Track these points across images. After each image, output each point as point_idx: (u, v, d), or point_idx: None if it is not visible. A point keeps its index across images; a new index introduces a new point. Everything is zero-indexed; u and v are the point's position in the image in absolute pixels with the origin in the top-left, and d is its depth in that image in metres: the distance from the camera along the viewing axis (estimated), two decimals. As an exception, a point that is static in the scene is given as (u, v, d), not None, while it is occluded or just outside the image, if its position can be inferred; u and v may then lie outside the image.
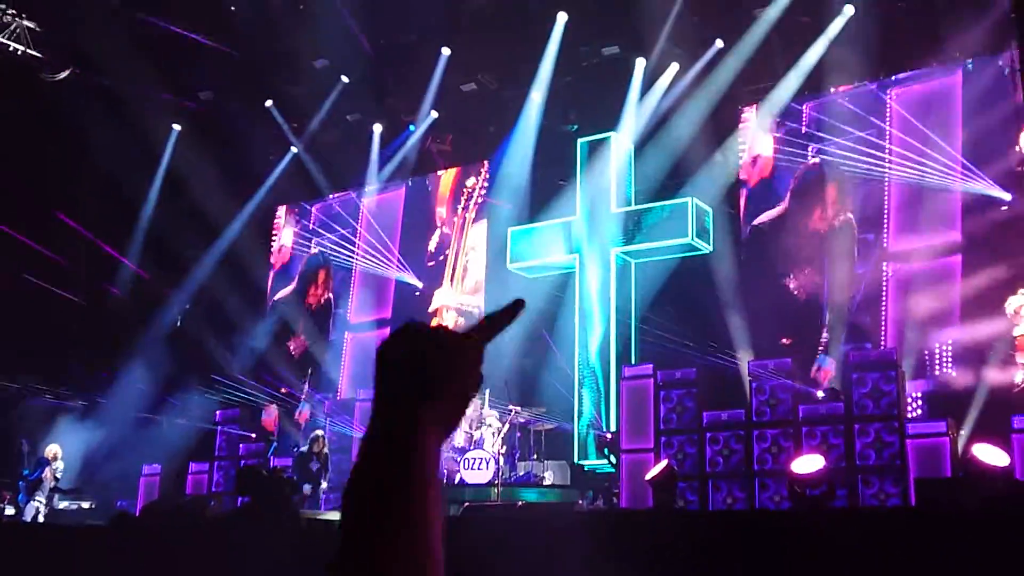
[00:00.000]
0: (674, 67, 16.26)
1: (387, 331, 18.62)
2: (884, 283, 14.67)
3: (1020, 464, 10.80)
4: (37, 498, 14.90)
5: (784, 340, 14.89)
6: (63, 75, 17.86)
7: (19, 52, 17.69)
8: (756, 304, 15.34)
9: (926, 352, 13.98)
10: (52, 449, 15.53)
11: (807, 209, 15.38)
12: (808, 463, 9.16)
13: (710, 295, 15.28)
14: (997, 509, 6.12)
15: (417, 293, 19.02)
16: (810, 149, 15.60)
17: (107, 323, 18.67)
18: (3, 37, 17.51)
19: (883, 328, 14.51)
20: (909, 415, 12.70)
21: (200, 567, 8.70)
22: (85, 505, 15.37)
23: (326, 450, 14.73)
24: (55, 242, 18.45)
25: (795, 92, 15.55)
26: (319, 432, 14.95)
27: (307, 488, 14.28)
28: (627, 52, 16.38)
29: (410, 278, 19.15)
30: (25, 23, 17.66)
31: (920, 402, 13.55)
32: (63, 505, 15.24)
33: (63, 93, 17.56)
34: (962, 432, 12.06)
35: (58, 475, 15.52)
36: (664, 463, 10.49)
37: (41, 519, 14.64)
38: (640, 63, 16.35)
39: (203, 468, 16.35)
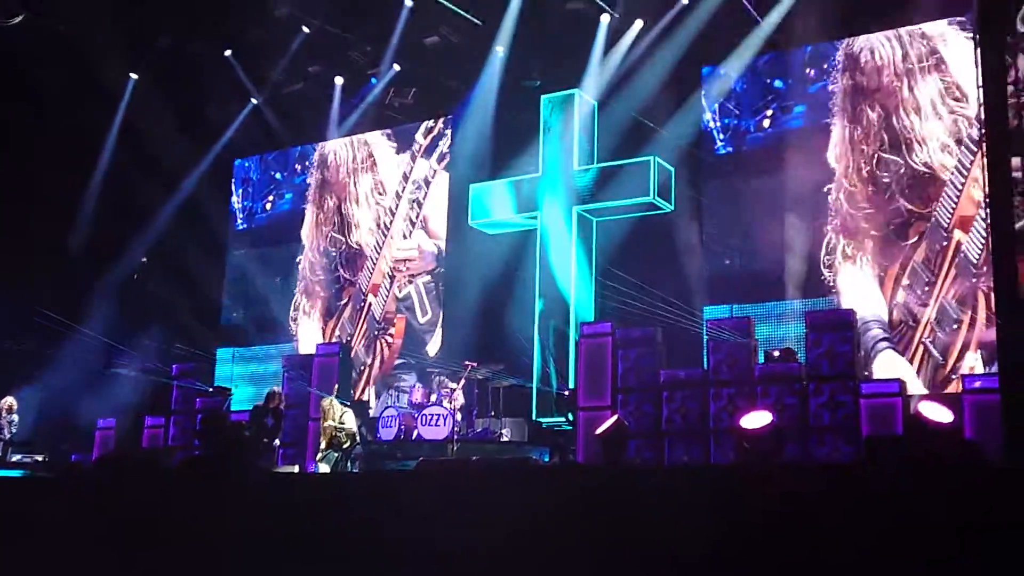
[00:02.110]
0: (638, 23, 16.12)
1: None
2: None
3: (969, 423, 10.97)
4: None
5: (742, 300, 14.93)
6: (16, 20, 17.42)
7: (-30, -4, 17.25)
8: (716, 263, 15.38)
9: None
10: (7, 401, 15.35)
11: (769, 166, 15.33)
12: (757, 419, 9.22)
13: (671, 254, 15.30)
14: (940, 463, 6.18)
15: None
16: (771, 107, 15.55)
17: (63, 274, 18.38)
18: (-47, -20, 17.07)
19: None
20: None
21: (155, 517, 8.65)
22: (39, 458, 15.23)
23: (282, 406, 14.66)
24: (10, 190, 18.12)
25: (757, 50, 15.47)
26: (276, 388, 14.87)
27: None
28: (592, 7, 16.20)
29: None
30: (-24, -34, 17.22)
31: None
32: (16, 458, 15.08)
33: (16, 39, 17.13)
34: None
35: (13, 428, 15.36)
36: (614, 418, 10.52)
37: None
38: (605, 19, 16.20)
39: (159, 422, 16.26)
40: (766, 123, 15.60)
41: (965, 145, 13.70)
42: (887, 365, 13.74)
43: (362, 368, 18.11)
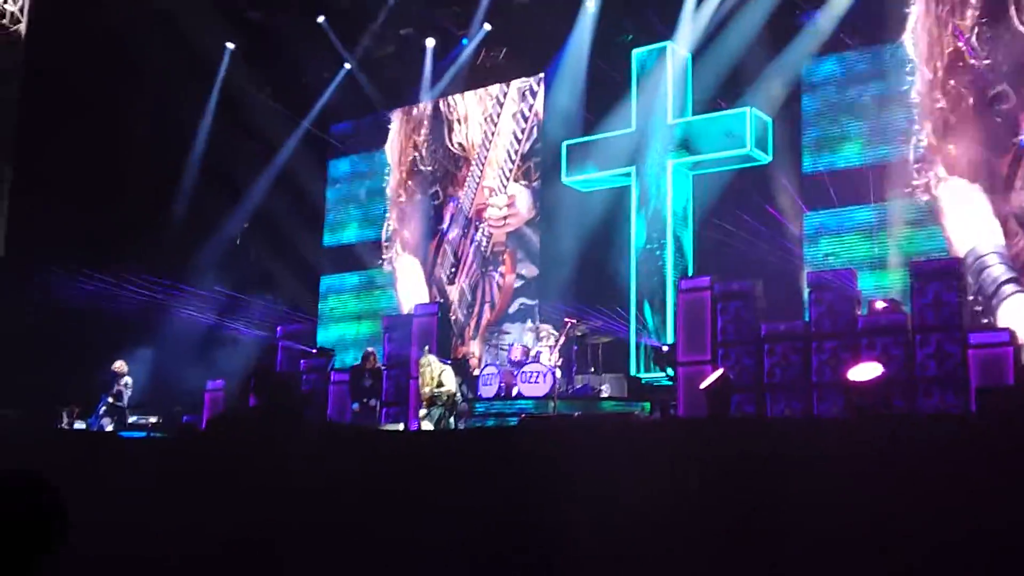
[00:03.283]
0: (731, -28, 15.84)
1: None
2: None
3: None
4: (104, 414, 15.28)
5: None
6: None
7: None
8: (815, 215, 15.12)
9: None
10: (119, 365, 15.84)
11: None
12: (865, 371, 9.08)
13: (769, 206, 15.09)
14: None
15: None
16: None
17: (168, 241, 18.87)
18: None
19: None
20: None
21: (262, 475, 8.89)
22: (152, 420, 15.71)
23: (379, 365, 14.92)
24: (114, 162, 18.61)
25: None
26: (370, 349, 15.14)
27: (355, 406, 14.55)
28: (682, -42, 15.99)
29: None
30: (77, -57, 17.62)
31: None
32: (131, 420, 15.60)
33: (114, 13, 17.52)
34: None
35: (128, 391, 15.85)
36: (719, 372, 10.46)
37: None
38: (697, -32, 15.96)
39: (265, 383, 16.63)
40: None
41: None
42: (1017, 313, 13.30)
43: (469, 313, 18.31)
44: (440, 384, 13.49)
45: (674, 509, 6.25)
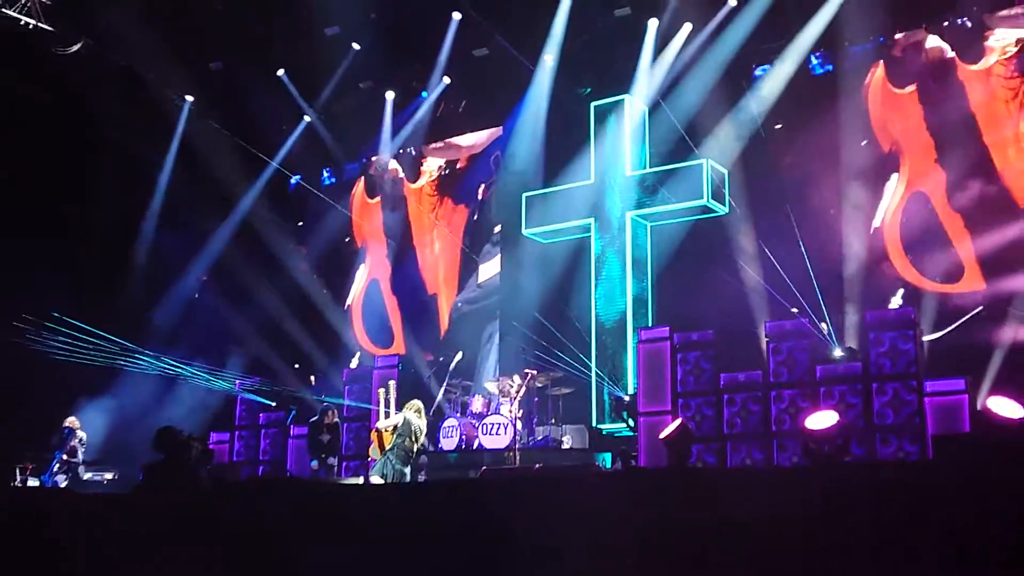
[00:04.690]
0: (687, 27, 16.10)
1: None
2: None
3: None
4: (58, 471, 15.02)
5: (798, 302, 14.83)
6: (75, 48, 17.81)
7: (31, 26, 17.65)
8: (772, 265, 15.26)
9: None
10: (71, 420, 15.58)
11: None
12: (822, 419, 9.14)
13: (727, 256, 15.20)
14: (1013, 461, 6.08)
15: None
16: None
17: (126, 295, 18.71)
18: (14, 11, 17.47)
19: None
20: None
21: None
22: (108, 476, 15.49)
23: (336, 420, 14.83)
24: (72, 214, 18.50)
25: (808, 49, 15.40)
26: (327, 404, 15.06)
27: (313, 464, 14.40)
28: (639, 13, 16.23)
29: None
30: (36, -4, 17.63)
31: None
32: (87, 476, 15.36)
33: (75, 66, 17.51)
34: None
35: (82, 446, 15.60)
36: (678, 422, 10.49)
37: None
38: (652, 24, 16.19)
39: (224, 438, 16.45)
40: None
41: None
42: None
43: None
44: (406, 428, 13.06)
45: (635, 562, 6.23)
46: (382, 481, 12.83)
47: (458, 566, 7.11)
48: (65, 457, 15.14)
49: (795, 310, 13.47)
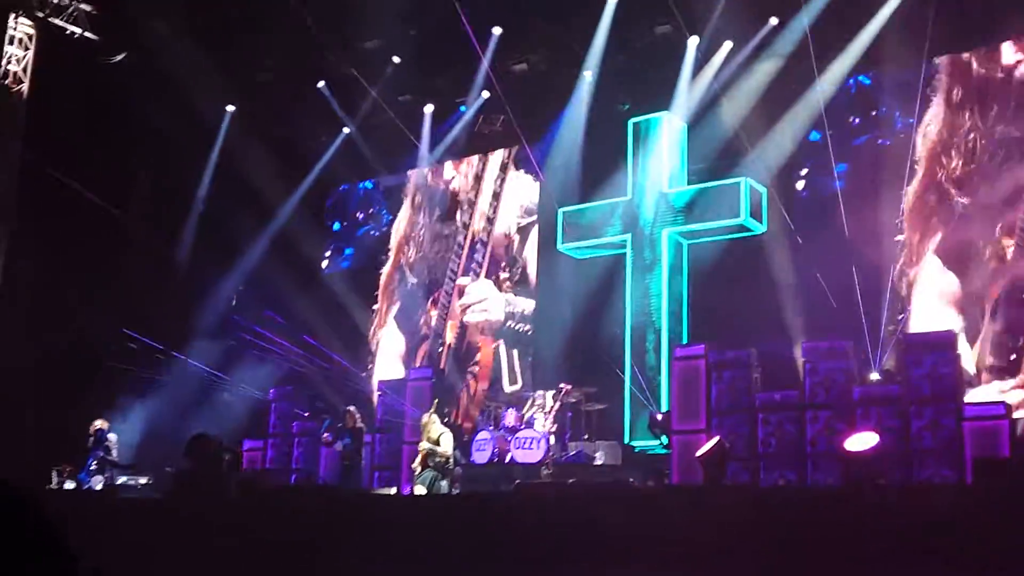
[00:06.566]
0: (727, 45, 16.06)
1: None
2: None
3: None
4: (95, 471, 15.13)
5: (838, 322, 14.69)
6: (119, 58, 18.06)
7: (76, 35, 17.93)
8: (811, 284, 15.12)
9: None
10: (101, 422, 15.66)
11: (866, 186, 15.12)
12: (861, 440, 9.06)
13: (764, 275, 15.09)
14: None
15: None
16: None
17: (164, 303, 18.87)
18: (60, 19, 17.75)
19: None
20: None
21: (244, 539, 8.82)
22: (143, 481, 15.57)
23: (359, 424, 14.89)
24: (113, 223, 18.70)
25: (849, 70, 15.30)
26: (350, 408, 15.12)
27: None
28: (679, 30, 16.21)
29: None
30: (82, 6, 17.90)
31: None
32: (121, 480, 15.44)
33: (118, 76, 17.74)
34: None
35: (114, 448, 15.69)
36: (715, 440, 10.43)
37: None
38: (693, 41, 16.17)
39: (257, 445, 16.55)
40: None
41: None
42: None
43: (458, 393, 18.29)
44: (438, 444, 13.44)
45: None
46: (423, 491, 12.96)
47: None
48: (101, 455, 15.25)
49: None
